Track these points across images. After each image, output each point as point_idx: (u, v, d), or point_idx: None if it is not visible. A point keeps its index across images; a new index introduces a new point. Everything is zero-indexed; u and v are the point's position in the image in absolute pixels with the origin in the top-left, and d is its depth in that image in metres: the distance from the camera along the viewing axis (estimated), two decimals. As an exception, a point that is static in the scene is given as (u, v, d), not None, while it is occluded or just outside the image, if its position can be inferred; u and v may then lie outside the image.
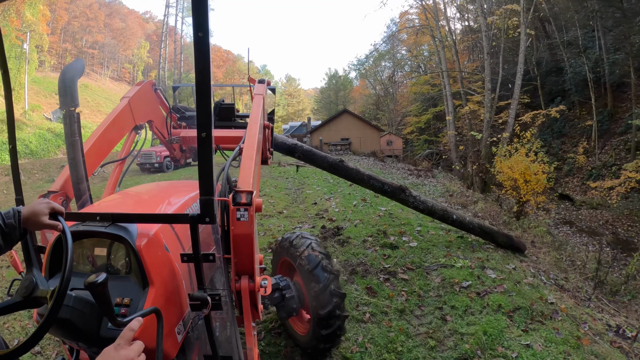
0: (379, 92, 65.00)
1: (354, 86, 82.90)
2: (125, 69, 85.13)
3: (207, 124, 1.47)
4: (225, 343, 2.11)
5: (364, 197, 10.73)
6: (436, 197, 15.73)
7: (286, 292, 3.44)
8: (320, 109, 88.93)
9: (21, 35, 36.99)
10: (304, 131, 56.57)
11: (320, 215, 8.81)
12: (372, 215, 8.78)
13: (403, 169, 28.31)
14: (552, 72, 32.87)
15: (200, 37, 1.40)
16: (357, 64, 63.59)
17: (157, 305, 1.51)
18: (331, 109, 79.07)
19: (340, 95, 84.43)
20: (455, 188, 19.19)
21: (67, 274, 1.22)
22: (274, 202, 10.56)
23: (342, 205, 9.93)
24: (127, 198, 2.52)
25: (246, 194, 1.83)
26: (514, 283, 5.39)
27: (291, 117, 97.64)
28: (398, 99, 60.69)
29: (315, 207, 9.72)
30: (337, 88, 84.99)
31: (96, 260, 1.78)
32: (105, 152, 2.73)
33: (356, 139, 41.97)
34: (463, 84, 33.43)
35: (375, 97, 67.31)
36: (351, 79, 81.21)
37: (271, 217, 8.88)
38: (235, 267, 1.88)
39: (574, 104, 29.29)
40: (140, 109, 3.18)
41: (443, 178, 25.41)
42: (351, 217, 8.54)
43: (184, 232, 2.04)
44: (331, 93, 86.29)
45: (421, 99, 47.37)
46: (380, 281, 5.44)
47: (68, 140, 2.19)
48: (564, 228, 18.41)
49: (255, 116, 2.83)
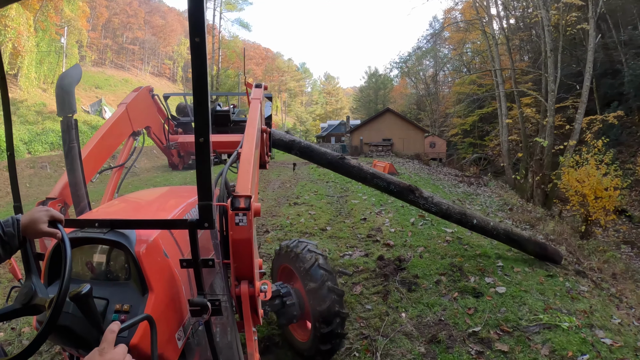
0: (421, 91, 62.99)
1: (394, 85, 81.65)
2: (165, 65, 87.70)
3: (204, 129, 1.46)
4: (226, 348, 2.04)
5: (421, 212, 9.04)
6: (495, 212, 14.05)
7: (287, 299, 3.41)
8: (359, 107, 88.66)
9: (59, 30, 37.93)
10: (342, 130, 55.39)
11: (372, 238, 7.24)
12: (436, 239, 7.16)
13: (450, 175, 26.29)
14: (607, 74, 30.31)
15: (197, 42, 1.38)
16: (400, 61, 61.56)
17: (157, 312, 1.58)
18: (370, 108, 79.19)
19: (380, 94, 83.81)
20: (514, 201, 17.20)
21: (66, 281, 1.22)
22: (315, 215, 9.06)
23: (397, 222, 8.32)
24: (126, 204, 2.50)
25: (244, 199, 1.82)
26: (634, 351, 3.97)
27: (329, 115, 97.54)
28: (440, 99, 58.42)
29: (365, 225, 8.14)
30: (377, 87, 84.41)
31: (95, 266, 1.76)
32: (104, 158, 2.73)
33: (399, 139, 40.06)
34: (516, 84, 30.71)
35: (417, 96, 65.44)
36: (391, 77, 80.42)
37: (313, 236, 7.38)
38: (235, 272, 1.88)
39: (631, 110, 26.60)
40: (137, 115, 3.16)
41: (496, 187, 23.27)
42: (412, 242, 6.94)
43: (183, 237, 1.98)
44: (371, 92, 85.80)
45: (467, 100, 44.69)
46: (472, 356, 3.80)
47: (66, 146, 2.17)
48: (626, 249, 16.05)
49: (252, 121, 2.79)
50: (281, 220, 8.81)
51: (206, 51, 1.40)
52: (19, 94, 31.87)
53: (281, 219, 8.94)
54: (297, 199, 11.77)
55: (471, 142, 45.63)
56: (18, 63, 32.02)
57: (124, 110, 2.99)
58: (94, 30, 64.53)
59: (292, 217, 8.94)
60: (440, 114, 56.49)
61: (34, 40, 34.14)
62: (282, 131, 7.64)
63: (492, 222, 6.15)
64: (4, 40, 30.03)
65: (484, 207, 14.72)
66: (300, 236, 7.31)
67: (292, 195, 12.60)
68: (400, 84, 77.31)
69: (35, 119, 30.34)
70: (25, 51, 32.47)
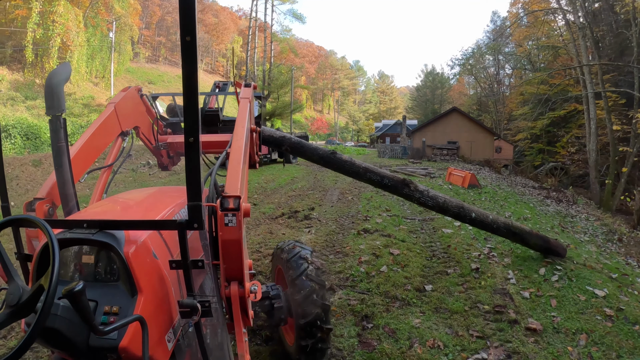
0: (483, 91, 59.15)
1: (452, 85, 78.07)
2: (219, 62, 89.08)
3: (194, 129, 1.46)
4: (217, 350, 2.04)
5: (548, 258, 6.48)
6: (604, 243, 11.17)
7: (275, 302, 3.26)
8: (415, 107, 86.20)
9: (110, 26, 39.57)
10: (398, 130, 52.74)
11: (503, 313, 4.69)
12: (593, 313, 4.72)
13: (526, 187, 22.97)
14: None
15: (188, 41, 1.37)
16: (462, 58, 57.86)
17: (147, 313, 1.56)
18: (427, 108, 76.87)
19: (437, 93, 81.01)
20: (622, 229, 14.09)
21: (54, 282, 1.22)
22: (400, 257, 6.52)
23: (523, 275, 5.82)
24: (115, 205, 2.47)
25: (234, 199, 1.80)
26: None
27: (383, 115, 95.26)
28: (504, 99, 54.30)
29: (482, 283, 5.51)
30: (434, 86, 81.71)
31: (84, 268, 1.74)
32: (92, 158, 2.71)
33: (466, 143, 36.71)
34: (603, 83, 26.54)
35: (477, 97, 61.66)
36: (448, 76, 77.07)
37: (409, 305, 4.96)
38: (225, 273, 1.87)
39: None
40: (126, 115, 3.12)
41: (585, 206, 19.91)
42: (565, 323, 4.45)
43: (172, 238, 1.99)
44: (427, 91, 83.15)
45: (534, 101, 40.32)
46: None
47: (54, 145, 2.13)
48: None
49: (241, 120, 2.77)
50: (350, 262, 6.24)
51: (197, 50, 1.38)
52: (68, 87, 32.41)
53: (350, 260, 6.35)
54: (366, 221, 9.26)
55: (541, 148, 41.42)
56: (67, 57, 32.95)
57: (113, 110, 2.93)
58: (148, 28, 66.96)
59: (366, 259, 6.35)
60: (504, 116, 52.30)
61: (84, 35, 36.08)
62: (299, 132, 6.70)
63: (491, 215, 6.10)
64: (52, 35, 31.84)
65: (592, 238, 11.85)
66: (388, 304, 4.95)
67: (357, 215, 9.97)
68: (459, 82, 73.50)
69: (81, 111, 31.50)
70: (75, 46, 33.86)
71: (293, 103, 46.89)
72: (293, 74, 49.77)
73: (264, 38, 46.48)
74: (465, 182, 16.04)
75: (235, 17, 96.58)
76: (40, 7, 31.26)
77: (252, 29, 44.77)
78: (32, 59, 32.22)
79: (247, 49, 46.40)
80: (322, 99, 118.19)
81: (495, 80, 58.22)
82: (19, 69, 33.50)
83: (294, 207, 10.92)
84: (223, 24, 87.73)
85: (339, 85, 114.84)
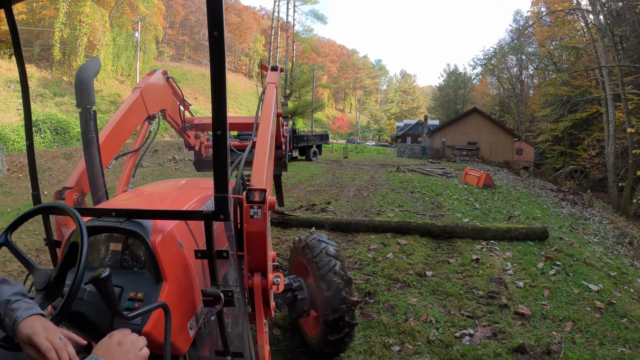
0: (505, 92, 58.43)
1: (474, 85, 77.20)
2: (242, 61, 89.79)
3: (222, 122, 1.46)
4: (237, 339, 2.04)
5: (549, 252, 6.85)
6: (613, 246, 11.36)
7: (298, 294, 3.31)
8: (437, 107, 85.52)
9: (135, 26, 40.66)
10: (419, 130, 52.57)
11: (496, 298, 5.05)
12: (582, 304, 5.14)
13: (545, 189, 22.95)
14: None
15: (216, 36, 1.37)
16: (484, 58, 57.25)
17: (170, 301, 1.58)
18: (449, 108, 76.19)
19: (459, 93, 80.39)
20: (634, 233, 14.10)
21: (82, 267, 1.25)
22: (407, 247, 6.99)
23: (521, 268, 6.24)
24: (143, 195, 2.51)
25: (259, 192, 1.85)
26: None
27: (404, 114, 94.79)
28: (526, 101, 53.57)
29: (480, 272, 5.92)
30: (457, 86, 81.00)
31: (111, 255, 1.78)
32: (120, 143, 2.68)
33: (486, 144, 36.60)
34: (623, 85, 26.10)
35: (499, 97, 60.89)
36: (471, 76, 76.13)
37: (409, 287, 5.37)
38: (248, 264, 1.92)
39: None
40: (152, 99, 3.06)
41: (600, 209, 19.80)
42: (553, 311, 4.83)
43: (199, 228, 2.01)
44: (450, 91, 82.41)
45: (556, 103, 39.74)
46: None
47: (84, 137, 2.14)
48: None
49: (268, 106, 2.77)
50: (360, 249, 6.83)
51: (224, 45, 1.40)
52: (95, 84, 33.78)
53: (360, 248, 6.95)
54: (379, 215, 9.76)
55: (562, 150, 40.87)
56: (94, 56, 33.71)
57: (139, 95, 2.90)
58: (172, 27, 68.01)
59: (375, 247, 6.94)
60: (526, 117, 51.64)
61: (110, 35, 37.15)
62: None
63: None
64: (79, 34, 32.86)
65: (602, 240, 12.00)
66: (390, 285, 5.44)
67: (371, 210, 10.57)
68: (482, 82, 72.53)
69: (107, 108, 32.18)
70: (101, 45, 34.96)
71: (314, 102, 47.35)
72: (315, 73, 50.24)
73: (286, 37, 46.94)
74: (480, 182, 16.29)
75: (258, 16, 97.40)
76: (67, 7, 32.46)
77: (274, 29, 45.33)
78: (60, 57, 33.38)
79: (269, 49, 46.98)
80: (343, 98, 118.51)
81: (518, 80, 57.42)
82: (47, 67, 34.66)
83: (311, 201, 11.49)
84: (245, 23, 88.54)
85: (360, 84, 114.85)
